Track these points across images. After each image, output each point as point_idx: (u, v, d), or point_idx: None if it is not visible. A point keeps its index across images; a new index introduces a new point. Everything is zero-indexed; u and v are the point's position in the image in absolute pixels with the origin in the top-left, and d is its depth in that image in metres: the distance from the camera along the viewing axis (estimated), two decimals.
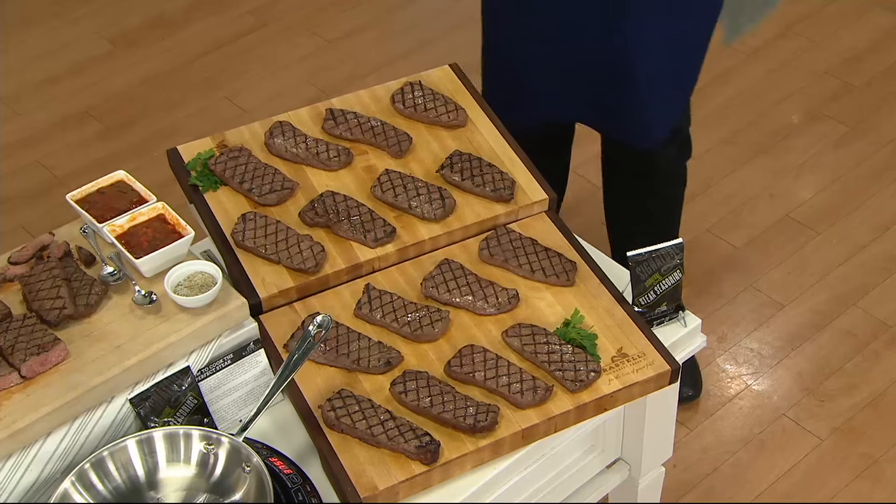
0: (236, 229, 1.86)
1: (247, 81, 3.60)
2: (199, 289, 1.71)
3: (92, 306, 1.70)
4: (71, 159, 3.37)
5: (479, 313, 1.80)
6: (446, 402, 1.67)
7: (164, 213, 1.80)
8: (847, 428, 2.63)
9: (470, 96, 2.08)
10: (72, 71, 3.66)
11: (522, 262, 1.85)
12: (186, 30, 3.80)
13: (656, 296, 1.80)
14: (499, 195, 1.92)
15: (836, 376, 2.74)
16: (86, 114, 3.52)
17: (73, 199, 1.81)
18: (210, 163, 1.96)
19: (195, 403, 1.67)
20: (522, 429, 1.66)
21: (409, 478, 1.61)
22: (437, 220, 1.89)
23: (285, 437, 1.72)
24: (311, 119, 2.05)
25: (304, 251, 1.82)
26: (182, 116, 3.48)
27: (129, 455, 1.56)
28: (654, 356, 1.74)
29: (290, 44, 3.74)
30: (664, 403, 1.88)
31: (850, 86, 3.41)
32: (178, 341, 1.67)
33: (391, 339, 1.77)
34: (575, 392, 1.70)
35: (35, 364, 1.61)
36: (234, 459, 1.57)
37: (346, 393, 1.69)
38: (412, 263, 1.87)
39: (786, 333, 2.83)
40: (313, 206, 1.89)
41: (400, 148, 1.98)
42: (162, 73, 3.65)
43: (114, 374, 1.63)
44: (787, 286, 2.92)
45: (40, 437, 1.59)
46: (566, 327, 1.77)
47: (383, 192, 1.91)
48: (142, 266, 1.73)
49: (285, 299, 1.81)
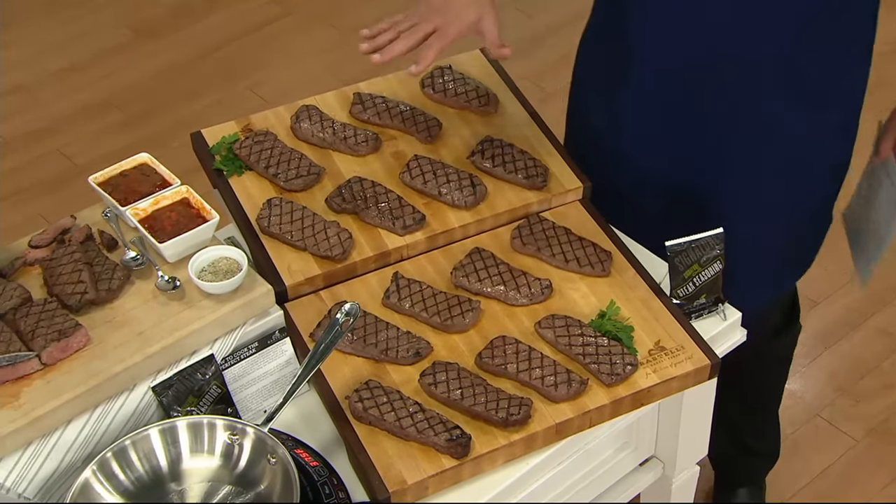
0: (262, 215, 1.81)
1: (268, 72, 3.57)
2: (224, 275, 1.66)
3: (114, 291, 1.65)
4: (91, 148, 3.34)
5: (511, 304, 1.74)
6: (477, 395, 1.62)
7: (189, 197, 1.75)
8: (883, 429, 2.57)
9: (501, 81, 2.03)
10: (93, 60, 3.63)
11: (556, 251, 1.79)
12: (208, 19, 3.76)
13: (695, 287, 1.74)
14: (531, 182, 1.86)
15: (870, 376, 2.67)
16: (107, 103, 3.49)
17: (95, 182, 1.77)
18: (235, 147, 1.91)
19: (219, 392, 1.62)
20: (556, 423, 1.61)
21: (438, 472, 1.56)
22: (467, 208, 1.84)
23: (311, 429, 1.67)
24: (339, 103, 2.00)
25: (331, 238, 1.77)
26: (203, 106, 3.45)
27: (151, 444, 1.52)
28: (694, 350, 1.68)
29: (311, 34, 3.70)
30: (701, 399, 1.82)
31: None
32: (201, 328, 1.62)
33: (420, 329, 1.72)
34: (611, 386, 1.64)
35: (56, 350, 1.56)
36: (259, 450, 1.52)
37: (373, 384, 1.63)
38: (441, 252, 1.82)
39: (819, 332, 2.77)
40: (340, 191, 1.84)
41: (429, 133, 1.93)
42: (183, 62, 3.61)
43: (136, 362, 1.58)
44: (820, 283, 2.86)
45: (61, 424, 1.54)
46: (601, 319, 1.71)
47: (412, 179, 1.86)
48: (165, 251, 1.68)
49: (311, 287, 1.76)
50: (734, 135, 1.83)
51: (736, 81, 1.78)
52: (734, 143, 1.84)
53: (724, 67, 1.77)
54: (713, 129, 1.84)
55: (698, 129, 1.84)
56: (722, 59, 1.76)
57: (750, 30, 1.73)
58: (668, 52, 1.80)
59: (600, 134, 1.95)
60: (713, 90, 1.80)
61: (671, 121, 1.86)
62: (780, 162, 1.85)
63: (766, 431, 2.37)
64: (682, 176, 1.90)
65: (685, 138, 1.87)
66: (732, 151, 1.85)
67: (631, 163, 1.93)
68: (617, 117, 1.91)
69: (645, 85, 1.85)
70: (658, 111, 1.86)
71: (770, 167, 1.86)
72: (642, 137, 1.90)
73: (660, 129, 1.88)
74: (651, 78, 1.84)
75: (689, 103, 1.82)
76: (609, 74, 1.91)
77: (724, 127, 1.83)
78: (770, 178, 1.87)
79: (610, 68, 1.90)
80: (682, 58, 1.79)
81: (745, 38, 1.74)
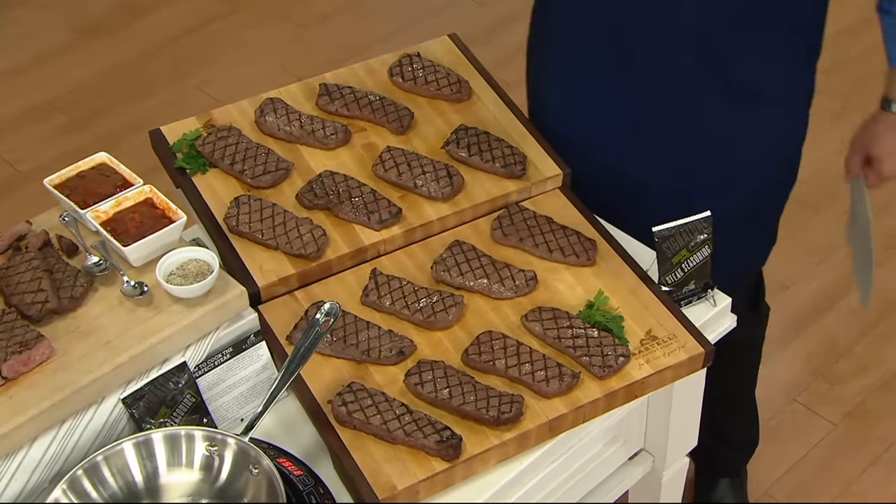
0: (229, 214, 1.73)
1: (218, 69, 3.47)
2: (195, 277, 1.58)
3: (77, 299, 1.55)
4: (35, 153, 3.22)
5: (496, 297, 1.68)
6: (466, 393, 1.55)
7: (153, 197, 1.66)
8: (860, 412, 2.55)
9: (472, 68, 1.96)
10: (34, 61, 3.50)
11: (538, 241, 1.73)
12: (153, 16, 3.65)
13: (684, 273, 1.69)
14: (510, 171, 1.80)
15: (845, 359, 2.65)
16: (49, 106, 3.37)
17: (51, 185, 1.67)
18: (197, 144, 1.82)
19: (193, 402, 1.54)
20: (549, 419, 1.54)
21: (429, 476, 1.49)
22: (444, 200, 1.77)
23: (291, 436, 1.59)
24: (304, 95, 1.92)
25: (304, 235, 1.69)
26: (151, 106, 3.34)
27: (125, 459, 1.43)
28: (686, 338, 1.62)
29: (262, 29, 3.61)
30: (692, 389, 1.77)
31: (842, 59, 3.32)
32: (172, 335, 1.54)
33: (402, 328, 1.64)
34: (603, 378, 1.58)
35: (17, 363, 1.47)
36: (240, 462, 1.43)
37: (357, 386, 1.56)
38: (420, 246, 1.75)
39: (792, 316, 2.74)
40: (312, 187, 1.76)
41: (401, 123, 1.86)
42: (129, 61, 3.50)
43: (104, 373, 1.49)
44: (790, 267, 2.83)
45: (25, 443, 1.45)
46: (590, 310, 1.65)
47: (386, 171, 1.79)
48: (130, 254, 1.59)
49: (285, 288, 1.68)
50: (660, 114, 1.77)
51: (659, 56, 1.72)
52: (662, 123, 1.78)
53: (648, 41, 1.71)
54: (638, 101, 1.78)
55: (627, 99, 1.78)
56: (646, 33, 1.70)
57: (678, 8, 1.67)
58: (595, 16, 1.74)
59: (538, 92, 1.90)
60: (638, 63, 1.74)
61: (599, 86, 1.80)
62: (707, 147, 1.80)
63: (744, 419, 2.33)
64: (617, 149, 1.84)
65: (615, 106, 1.80)
66: (662, 130, 1.79)
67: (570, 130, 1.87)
68: (547, 72, 1.86)
69: (571, 42, 1.79)
70: (586, 73, 1.80)
71: (700, 153, 1.80)
72: (572, 99, 1.84)
73: (589, 89, 1.81)
74: (577, 36, 1.77)
75: (610, 70, 1.77)
76: (544, 30, 1.86)
77: (644, 102, 1.77)
78: (702, 162, 1.82)
79: (544, 25, 1.85)
80: (608, 24, 1.73)
81: (670, 14, 1.68)
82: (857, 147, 1.87)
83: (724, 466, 2.37)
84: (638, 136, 1.82)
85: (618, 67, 1.76)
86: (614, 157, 1.85)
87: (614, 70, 1.77)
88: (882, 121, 1.81)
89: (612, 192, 1.86)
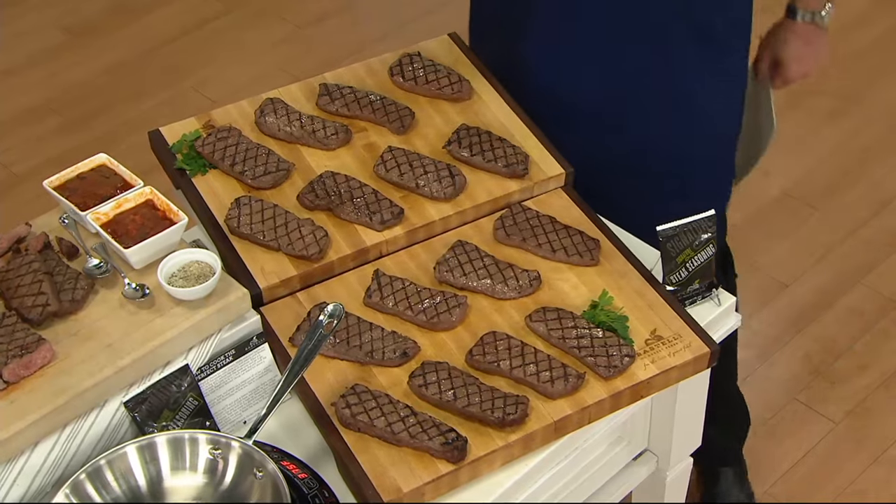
0: (230, 215, 1.71)
1: (214, 70, 3.45)
2: (196, 279, 1.56)
3: (78, 302, 1.54)
4: (30, 155, 3.20)
5: (499, 297, 1.67)
6: (471, 395, 1.54)
7: (153, 199, 1.65)
8: (861, 410, 2.54)
9: (473, 67, 1.95)
10: (29, 62, 3.48)
11: (542, 241, 1.72)
12: (148, 17, 3.63)
13: (688, 273, 1.68)
14: (512, 171, 1.79)
15: (845, 357, 2.65)
16: (44, 107, 3.35)
17: (50, 186, 1.65)
18: (197, 144, 1.81)
19: (196, 405, 1.52)
20: (555, 421, 1.53)
21: (435, 478, 1.48)
22: (446, 200, 1.76)
23: (295, 439, 1.58)
24: (304, 95, 1.91)
25: (306, 236, 1.68)
26: (147, 107, 3.32)
27: (129, 463, 1.42)
28: (692, 338, 1.61)
29: (258, 30, 3.59)
30: (696, 389, 1.76)
31: (839, 58, 3.32)
32: (175, 337, 1.52)
33: (405, 329, 1.63)
34: (609, 379, 1.57)
35: (18, 367, 1.45)
36: (245, 465, 1.42)
37: (360, 388, 1.55)
38: (422, 246, 1.74)
39: (791, 314, 2.73)
40: (313, 187, 1.75)
41: (402, 123, 1.85)
42: (124, 62, 3.48)
43: (106, 376, 1.47)
44: (789, 265, 2.83)
45: (27, 447, 1.43)
46: (594, 310, 1.64)
47: (388, 171, 1.78)
48: (131, 256, 1.57)
49: (287, 289, 1.66)
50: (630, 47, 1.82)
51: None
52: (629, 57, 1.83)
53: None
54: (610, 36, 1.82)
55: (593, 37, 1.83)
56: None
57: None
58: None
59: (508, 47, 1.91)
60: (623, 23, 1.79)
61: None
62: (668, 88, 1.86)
63: (728, 401, 2.30)
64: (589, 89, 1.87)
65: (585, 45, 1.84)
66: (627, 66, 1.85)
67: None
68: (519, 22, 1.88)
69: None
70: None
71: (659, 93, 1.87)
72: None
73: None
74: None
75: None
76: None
77: (616, 36, 1.82)
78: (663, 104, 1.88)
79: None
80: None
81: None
82: (764, 52, 2.01)
83: (720, 452, 2.35)
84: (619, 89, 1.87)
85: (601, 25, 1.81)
86: (592, 105, 1.88)
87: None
88: (788, 28, 1.96)
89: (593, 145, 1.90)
